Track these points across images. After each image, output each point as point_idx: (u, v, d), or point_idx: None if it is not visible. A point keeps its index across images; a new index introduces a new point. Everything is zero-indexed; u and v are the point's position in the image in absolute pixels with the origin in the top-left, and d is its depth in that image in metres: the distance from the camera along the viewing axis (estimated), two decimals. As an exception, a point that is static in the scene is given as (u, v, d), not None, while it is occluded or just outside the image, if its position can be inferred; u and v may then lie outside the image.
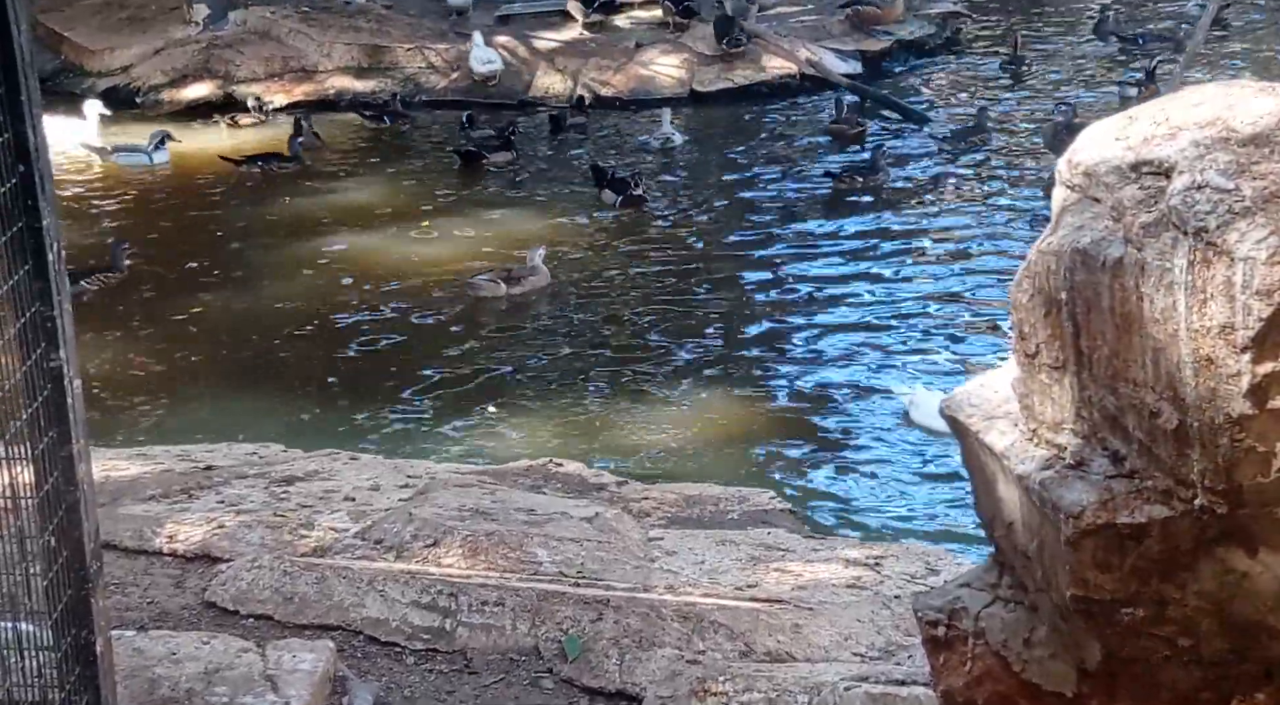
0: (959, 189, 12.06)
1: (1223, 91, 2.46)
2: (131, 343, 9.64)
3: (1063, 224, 2.53)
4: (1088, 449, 2.48)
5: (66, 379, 3.36)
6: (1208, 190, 2.27)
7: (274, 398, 8.81)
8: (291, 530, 5.14)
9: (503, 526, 5.14)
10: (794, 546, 5.46)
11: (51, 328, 3.34)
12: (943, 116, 13.81)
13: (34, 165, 3.31)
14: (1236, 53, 14.80)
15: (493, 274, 10.19)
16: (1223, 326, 2.22)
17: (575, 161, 13.14)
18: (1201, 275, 2.23)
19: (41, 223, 3.33)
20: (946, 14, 16.36)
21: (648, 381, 8.92)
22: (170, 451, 6.36)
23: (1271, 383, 2.21)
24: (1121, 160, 2.45)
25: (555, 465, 6.39)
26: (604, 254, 10.97)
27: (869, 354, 9.17)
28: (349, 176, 12.82)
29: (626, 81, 14.51)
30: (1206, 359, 2.25)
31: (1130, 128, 2.50)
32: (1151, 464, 2.38)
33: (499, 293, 10.06)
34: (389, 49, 15.06)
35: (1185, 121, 2.42)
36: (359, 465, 6.15)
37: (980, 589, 2.84)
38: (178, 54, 15.08)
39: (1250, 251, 2.19)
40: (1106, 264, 2.39)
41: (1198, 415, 2.28)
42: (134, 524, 5.14)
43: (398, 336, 9.65)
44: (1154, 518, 2.38)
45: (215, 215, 11.96)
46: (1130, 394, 2.39)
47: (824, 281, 10.35)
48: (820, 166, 12.58)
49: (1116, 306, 2.38)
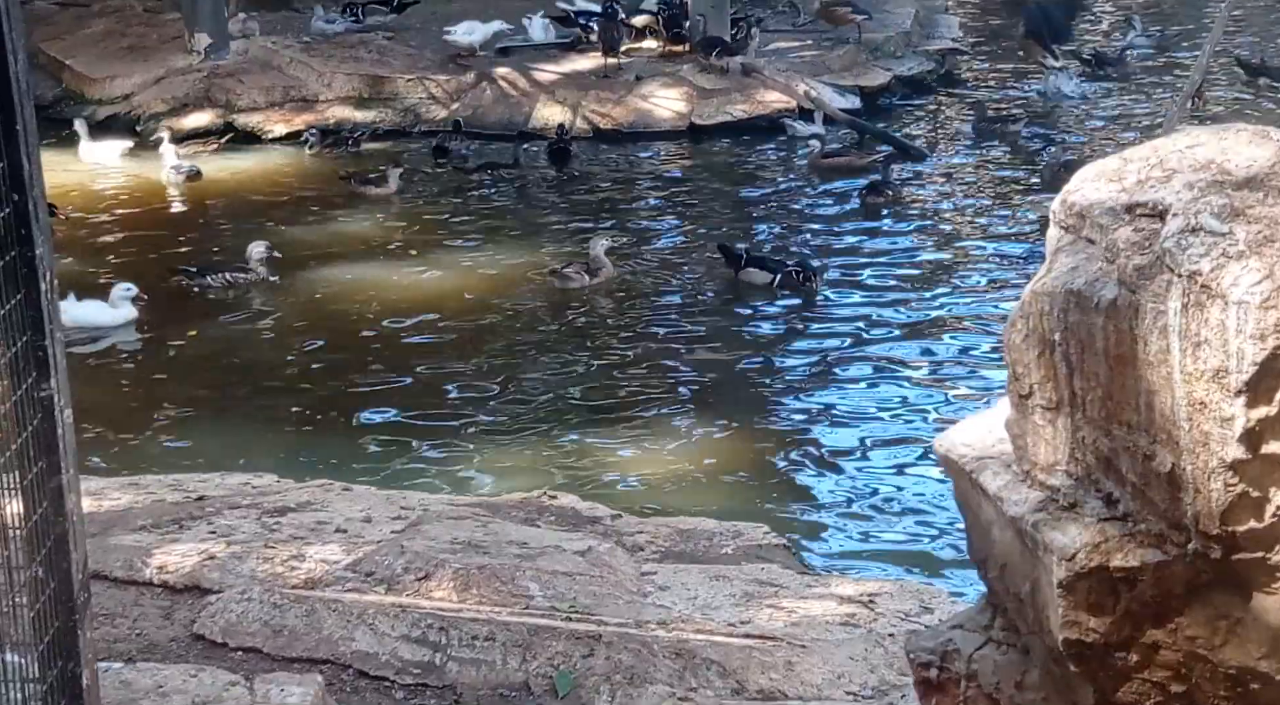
0: (966, 219, 12.08)
1: (1217, 134, 2.46)
2: (126, 370, 9.63)
3: (1057, 265, 2.53)
4: (1081, 491, 2.47)
5: (57, 409, 3.35)
6: (1202, 233, 2.26)
7: (269, 426, 8.78)
8: (282, 562, 5.12)
9: (495, 560, 5.12)
10: (788, 582, 5.43)
11: (43, 357, 3.33)
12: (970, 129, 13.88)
13: (28, 194, 3.31)
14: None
15: (576, 266, 10.76)
16: (1216, 370, 2.21)
17: (554, 197, 13.17)
18: (1195, 318, 2.23)
19: (35, 252, 3.32)
20: (945, 50, 16.42)
21: (643, 413, 8.91)
22: (163, 481, 6.34)
23: (1265, 428, 2.20)
24: (1116, 202, 2.45)
25: (549, 498, 6.37)
26: (596, 285, 10.97)
27: (871, 387, 9.16)
28: (344, 206, 12.85)
29: (626, 114, 14.56)
30: (1200, 402, 2.24)
31: (1124, 169, 2.50)
32: (1145, 507, 2.37)
33: (584, 283, 10.66)
34: (390, 79, 15.11)
35: (1179, 164, 2.42)
36: (352, 496, 6.12)
37: (973, 631, 2.83)
38: (178, 83, 15.13)
39: (1244, 295, 2.18)
40: (1100, 306, 2.38)
41: (1191, 459, 2.27)
42: (124, 554, 5.11)
43: (393, 366, 9.64)
44: (1147, 562, 2.37)
45: (213, 242, 11.98)
46: (1124, 436, 2.38)
47: (825, 314, 10.34)
48: (803, 202, 12.65)
49: (1110, 348, 2.37)
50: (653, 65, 15.26)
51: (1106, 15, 19.13)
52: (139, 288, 10.20)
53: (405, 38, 15.95)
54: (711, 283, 10.99)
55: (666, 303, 10.69)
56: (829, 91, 14.84)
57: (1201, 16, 18.14)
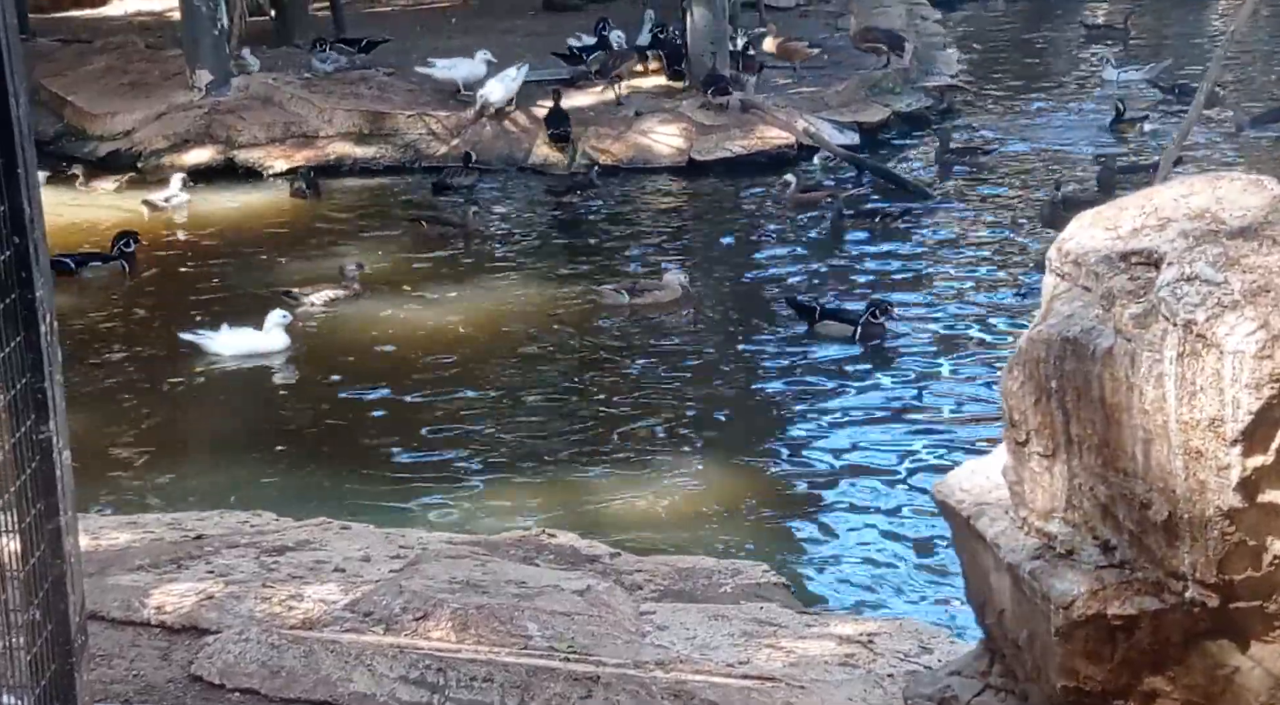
0: (964, 257, 12.10)
1: (1211, 183, 2.47)
2: (125, 407, 9.63)
3: (1053, 312, 2.54)
4: (1078, 538, 2.47)
5: (56, 451, 3.35)
6: (1197, 282, 2.27)
7: (267, 464, 8.77)
8: (280, 602, 5.10)
9: (493, 599, 5.11)
10: (787, 622, 5.42)
11: (42, 399, 3.33)
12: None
13: (29, 237, 3.32)
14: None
15: (618, 285, 10.85)
16: (1212, 419, 2.22)
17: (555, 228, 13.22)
18: (1191, 367, 2.24)
19: (35, 294, 3.33)
20: (944, 87, 16.50)
21: (642, 449, 8.90)
22: (161, 519, 6.33)
23: (1262, 476, 2.21)
24: (1111, 250, 2.46)
25: (548, 536, 6.36)
26: (596, 320, 10.97)
27: (872, 428, 9.15)
28: (344, 241, 12.87)
29: (625, 149, 14.61)
30: (1196, 451, 2.25)
31: (1120, 217, 2.52)
32: (1142, 555, 2.37)
33: (621, 302, 10.72)
34: (390, 115, 15.17)
35: (1174, 213, 2.43)
36: (350, 535, 6.11)
37: (970, 676, 2.82)
38: (180, 119, 15.18)
39: (1239, 345, 2.19)
40: (1096, 354, 2.39)
41: (1188, 507, 2.28)
42: (122, 594, 5.10)
43: (391, 403, 9.63)
44: (1144, 609, 2.37)
45: (210, 277, 12.00)
46: (1120, 484, 2.38)
47: (824, 354, 10.34)
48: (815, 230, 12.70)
49: (1107, 396, 2.38)
50: (652, 101, 15.33)
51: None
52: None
53: (406, 74, 16.02)
54: (707, 319, 11.01)
55: (664, 340, 10.69)
56: (828, 127, 14.89)
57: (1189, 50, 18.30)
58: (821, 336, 10.21)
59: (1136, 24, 20.01)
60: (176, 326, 10.44)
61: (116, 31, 18.14)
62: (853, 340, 10.06)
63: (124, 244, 11.65)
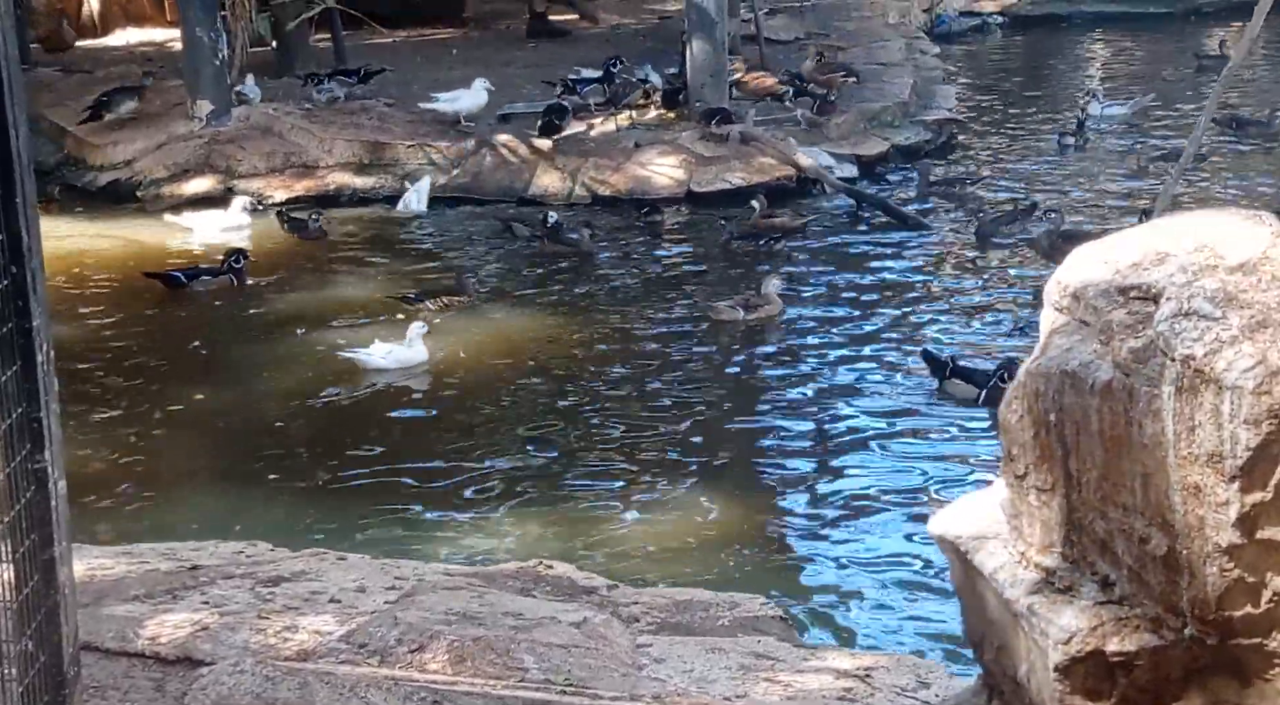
0: (961, 290, 12.10)
1: (1210, 218, 2.47)
2: (121, 436, 9.61)
3: (1051, 345, 2.54)
4: (1077, 573, 2.46)
5: (51, 481, 3.34)
6: (1195, 317, 2.27)
7: (264, 493, 8.76)
8: (275, 633, 5.08)
9: (490, 631, 5.08)
10: (784, 655, 5.39)
11: (38, 429, 3.33)
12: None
13: (26, 266, 3.32)
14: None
15: (734, 301, 11.18)
16: (1211, 454, 2.21)
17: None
18: (1189, 402, 2.23)
19: (32, 323, 3.33)
20: (942, 120, 16.56)
21: (642, 479, 8.89)
22: (156, 549, 6.31)
23: (1260, 513, 2.20)
24: (1110, 284, 2.46)
25: (545, 567, 6.33)
26: (592, 351, 10.97)
27: (871, 460, 9.13)
28: (347, 271, 12.89)
29: (625, 181, 14.64)
30: (1195, 487, 2.24)
31: (1118, 251, 2.51)
32: (1141, 591, 2.36)
33: (737, 317, 11.08)
34: (390, 145, 15.20)
35: (1173, 247, 2.43)
36: (346, 566, 6.09)
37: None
38: (180, 149, 15.21)
39: (1238, 380, 2.19)
40: (1095, 387, 2.39)
41: (1186, 543, 2.27)
42: (116, 625, 5.07)
43: (387, 433, 9.62)
44: (1143, 646, 2.36)
45: (202, 309, 12.02)
46: (1119, 518, 2.38)
47: (826, 385, 10.33)
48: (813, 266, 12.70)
49: (1105, 430, 2.37)
50: (651, 133, 15.37)
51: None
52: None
53: (406, 104, 16.07)
54: (713, 355, 11.01)
55: (664, 370, 10.68)
56: (827, 159, 14.94)
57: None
58: (948, 395, 9.74)
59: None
60: (304, 335, 10.89)
61: (118, 62, 18.21)
62: (977, 402, 9.49)
63: (234, 260, 12.23)
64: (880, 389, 10.19)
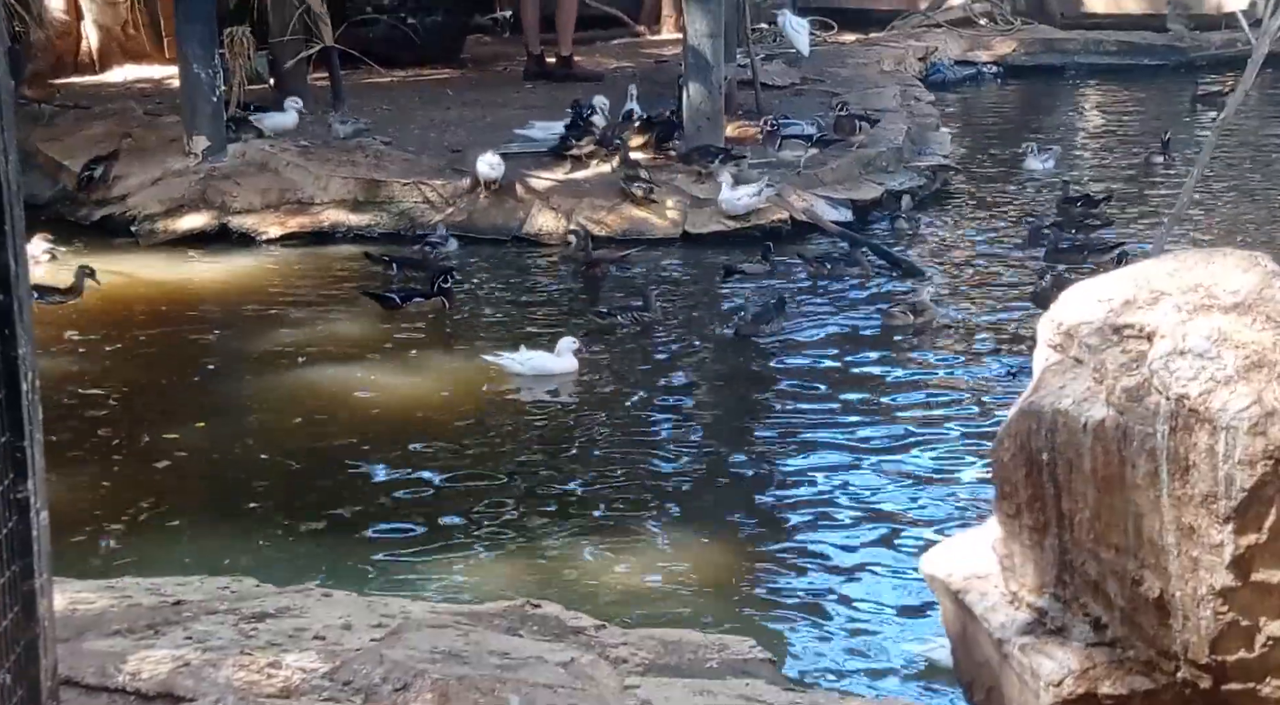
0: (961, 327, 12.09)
1: (1205, 258, 2.45)
2: (105, 470, 9.56)
3: (1045, 383, 2.51)
4: (1068, 615, 2.43)
5: (34, 511, 3.31)
6: (1190, 356, 2.25)
7: (251, 528, 8.70)
8: (258, 669, 5.03)
9: (475, 670, 5.03)
10: (773, 699, 5.34)
11: (21, 459, 3.30)
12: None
13: (13, 294, 3.31)
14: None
15: (903, 307, 11.84)
16: (1205, 495, 2.19)
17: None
18: (1184, 442, 2.21)
19: (18, 352, 3.31)
20: (936, 166, 16.62)
21: (631, 518, 8.85)
22: (140, 584, 6.25)
23: (1255, 555, 2.17)
24: (1104, 322, 2.44)
25: (533, 607, 6.29)
26: (585, 385, 10.96)
27: (863, 500, 9.10)
28: (333, 307, 12.88)
29: (619, 221, 14.66)
30: (1189, 528, 2.21)
31: (1113, 290, 2.50)
32: (1133, 633, 2.33)
33: (909, 321, 11.69)
34: (386, 183, 15.22)
35: (1168, 286, 2.41)
36: (331, 602, 6.03)
37: (959, 756, 2.77)
38: (175, 184, 15.21)
39: (1233, 420, 2.16)
40: (1088, 426, 2.36)
41: (1180, 585, 2.24)
42: (97, 659, 5.02)
43: (374, 469, 9.58)
44: (1136, 689, 2.33)
45: (191, 341, 12.00)
46: (1112, 559, 2.35)
47: (821, 422, 10.31)
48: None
49: (1098, 469, 2.35)
50: (647, 173, 15.39)
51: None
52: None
53: (403, 142, 16.09)
54: (710, 379, 10.97)
55: (651, 405, 10.66)
56: (822, 203, 14.97)
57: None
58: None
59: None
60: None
61: (115, 98, 18.24)
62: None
63: (442, 281, 12.67)
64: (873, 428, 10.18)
